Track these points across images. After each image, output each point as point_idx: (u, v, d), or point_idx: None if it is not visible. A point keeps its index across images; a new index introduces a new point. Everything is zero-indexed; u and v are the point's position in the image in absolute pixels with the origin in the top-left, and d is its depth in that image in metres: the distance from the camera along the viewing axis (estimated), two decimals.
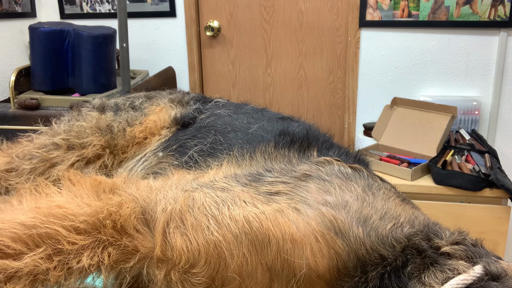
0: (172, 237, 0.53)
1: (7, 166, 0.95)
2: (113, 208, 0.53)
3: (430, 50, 2.55)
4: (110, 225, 0.52)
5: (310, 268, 0.52)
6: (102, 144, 0.91)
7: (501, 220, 1.82)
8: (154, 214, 0.55)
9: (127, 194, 0.57)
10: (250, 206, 0.55)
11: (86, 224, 0.52)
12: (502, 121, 2.52)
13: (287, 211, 0.54)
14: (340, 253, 0.52)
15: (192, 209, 0.55)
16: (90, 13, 3.02)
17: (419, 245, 0.53)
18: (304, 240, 0.52)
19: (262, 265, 0.52)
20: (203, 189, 0.59)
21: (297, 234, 0.52)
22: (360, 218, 0.55)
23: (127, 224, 0.53)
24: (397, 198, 0.63)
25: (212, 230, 0.53)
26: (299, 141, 0.74)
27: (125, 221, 0.53)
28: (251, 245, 0.52)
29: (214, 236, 0.52)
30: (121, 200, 0.55)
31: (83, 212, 0.53)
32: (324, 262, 0.52)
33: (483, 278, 0.49)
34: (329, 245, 0.52)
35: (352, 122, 2.78)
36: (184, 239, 0.52)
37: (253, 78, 2.96)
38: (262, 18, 2.83)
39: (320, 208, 0.55)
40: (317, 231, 0.53)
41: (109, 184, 0.59)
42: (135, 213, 0.54)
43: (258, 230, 0.52)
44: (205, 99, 1.07)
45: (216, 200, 0.56)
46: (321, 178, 0.62)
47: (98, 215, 0.52)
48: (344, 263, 0.53)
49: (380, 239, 0.54)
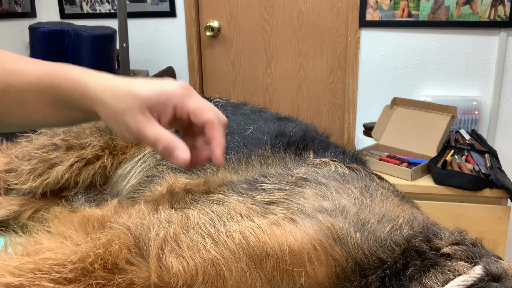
0: (168, 261, 0.52)
1: (6, 166, 0.95)
2: (100, 250, 0.52)
3: (430, 50, 2.55)
4: (99, 268, 0.51)
5: (309, 276, 0.51)
6: (101, 144, 0.91)
7: (501, 220, 1.82)
8: (148, 241, 0.54)
9: (119, 225, 0.56)
10: (246, 220, 0.54)
11: (75, 272, 0.50)
12: (502, 121, 2.51)
13: (284, 223, 0.54)
14: (339, 259, 0.52)
15: (187, 230, 0.54)
16: (90, 13, 3.02)
17: (419, 247, 0.53)
18: (302, 250, 0.52)
19: (261, 278, 0.51)
20: (198, 205, 0.58)
21: (295, 244, 0.52)
22: (358, 222, 0.55)
23: (118, 260, 0.52)
24: (396, 197, 0.62)
25: (209, 248, 0.52)
26: (295, 143, 0.74)
27: (115, 258, 0.52)
28: (249, 260, 0.51)
29: (211, 254, 0.52)
30: (111, 236, 0.54)
31: (70, 259, 0.51)
32: (323, 269, 0.52)
33: (483, 278, 0.49)
34: (327, 252, 0.52)
35: (352, 122, 2.78)
36: (180, 260, 0.52)
37: (253, 78, 2.95)
38: (262, 18, 2.83)
39: (317, 216, 0.55)
40: (315, 239, 0.52)
41: (98, 219, 0.57)
42: (127, 246, 0.53)
43: (255, 244, 0.52)
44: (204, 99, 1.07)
45: (211, 217, 0.55)
46: (318, 181, 0.61)
47: (85, 260, 0.51)
48: (342, 269, 0.52)
49: (379, 242, 0.54)
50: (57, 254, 0.52)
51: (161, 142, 0.57)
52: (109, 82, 0.59)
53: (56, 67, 0.63)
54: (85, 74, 0.61)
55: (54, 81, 0.61)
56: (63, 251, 0.52)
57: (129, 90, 0.58)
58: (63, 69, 0.62)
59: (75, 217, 0.58)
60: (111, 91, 0.58)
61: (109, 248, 0.52)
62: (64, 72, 0.62)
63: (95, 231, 0.55)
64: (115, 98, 0.58)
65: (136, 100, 0.57)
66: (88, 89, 0.59)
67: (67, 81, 0.61)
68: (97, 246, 0.52)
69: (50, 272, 0.50)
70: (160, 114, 0.59)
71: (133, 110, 0.57)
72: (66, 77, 0.61)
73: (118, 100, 0.58)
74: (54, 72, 0.62)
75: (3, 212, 0.90)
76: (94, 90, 0.59)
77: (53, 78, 0.61)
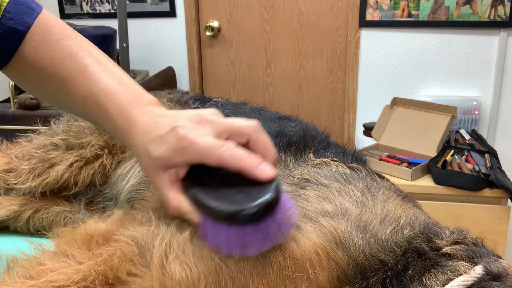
0: (171, 267, 0.51)
1: (6, 166, 0.95)
2: (101, 267, 0.51)
3: (430, 50, 2.55)
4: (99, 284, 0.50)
5: (311, 281, 0.51)
6: (100, 144, 0.91)
7: (501, 220, 1.82)
8: (152, 249, 0.53)
9: (125, 237, 0.55)
10: None
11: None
12: (502, 121, 2.51)
13: None
14: (340, 263, 0.52)
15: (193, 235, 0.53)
16: (90, 13, 3.02)
17: (420, 248, 0.53)
18: (304, 256, 0.52)
19: (264, 285, 0.51)
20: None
21: (298, 251, 0.52)
22: (360, 225, 0.55)
23: (120, 273, 0.51)
24: (398, 197, 0.62)
25: (213, 255, 0.51)
26: (295, 143, 0.74)
27: (116, 271, 0.51)
28: (252, 268, 0.51)
29: (215, 261, 0.51)
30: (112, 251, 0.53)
31: (73, 280, 0.51)
32: (324, 274, 0.52)
33: (483, 278, 0.49)
34: (329, 257, 0.52)
35: (352, 122, 2.78)
36: (184, 267, 0.51)
37: (253, 78, 2.95)
38: (262, 18, 2.83)
39: (320, 220, 0.54)
40: (318, 244, 0.52)
41: (102, 234, 0.56)
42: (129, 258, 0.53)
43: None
44: (204, 98, 1.06)
45: None
46: (319, 182, 0.61)
47: (87, 279, 0.51)
48: (344, 272, 0.52)
49: (380, 244, 0.53)
50: (60, 275, 0.51)
51: (173, 212, 0.56)
52: (138, 135, 0.57)
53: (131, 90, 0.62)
54: (139, 113, 0.59)
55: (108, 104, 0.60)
56: (66, 271, 0.51)
57: (146, 149, 0.56)
58: (129, 99, 0.60)
59: (78, 234, 0.57)
60: (136, 148, 0.57)
61: (110, 263, 0.52)
62: (122, 99, 0.60)
63: (98, 247, 0.54)
64: (139, 156, 0.57)
65: (150, 161, 0.56)
66: (128, 137, 0.58)
67: (118, 114, 0.59)
68: (98, 263, 0.52)
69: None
70: (175, 169, 0.57)
71: (150, 170, 0.57)
72: (120, 109, 0.59)
73: (140, 159, 0.57)
74: (125, 96, 0.61)
75: (3, 212, 0.90)
76: (131, 140, 0.58)
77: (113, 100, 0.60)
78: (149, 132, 0.56)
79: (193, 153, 0.53)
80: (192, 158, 0.54)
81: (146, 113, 0.58)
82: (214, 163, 0.53)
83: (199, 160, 0.54)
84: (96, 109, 0.61)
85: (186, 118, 0.56)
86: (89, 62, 0.63)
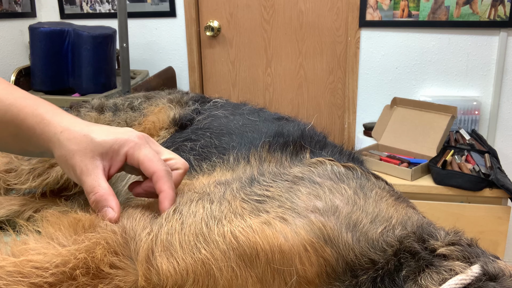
0: (158, 261, 0.51)
1: (6, 166, 0.96)
2: (82, 254, 0.50)
3: (430, 50, 2.55)
4: (81, 273, 0.49)
5: (300, 275, 0.51)
6: None
7: (501, 220, 1.82)
8: (139, 242, 0.53)
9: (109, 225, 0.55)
10: (238, 219, 0.54)
11: (56, 277, 0.49)
12: (502, 121, 2.51)
13: (275, 222, 0.53)
14: (329, 259, 0.52)
15: (182, 229, 0.53)
16: (90, 13, 3.02)
17: (412, 248, 0.53)
18: (292, 251, 0.51)
19: (252, 277, 0.51)
20: (193, 204, 0.58)
21: (285, 245, 0.51)
22: (350, 223, 0.55)
23: (102, 265, 0.51)
24: (391, 197, 0.62)
25: (200, 247, 0.51)
26: (292, 143, 0.74)
27: (99, 262, 0.51)
28: (239, 260, 0.51)
29: (202, 254, 0.51)
30: (96, 239, 0.52)
31: (53, 262, 0.50)
32: (313, 269, 0.52)
33: (481, 278, 0.49)
34: (318, 253, 0.52)
35: (352, 122, 2.78)
36: (171, 261, 0.51)
37: (253, 78, 2.95)
38: (262, 18, 2.83)
39: (309, 216, 0.54)
40: (306, 240, 0.52)
41: (89, 219, 0.56)
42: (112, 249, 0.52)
43: (246, 244, 0.51)
44: (204, 99, 1.07)
45: (205, 215, 0.55)
46: (312, 180, 0.61)
47: (66, 265, 0.49)
48: (333, 269, 0.52)
49: (370, 243, 0.53)
50: (39, 256, 0.50)
51: (95, 194, 0.58)
52: (69, 123, 0.61)
53: (27, 100, 0.63)
54: (51, 113, 0.62)
55: (20, 114, 0.62)
56: (46, 252, 0.51)
57: (86, 134, 0.59)
58: (32, 104, 0.63)
59: (65, 218, 0.57)
60: (68, 132, 0.59)
61: (92, 252, 0.51)
62: (32, 107, 0.62)
63: (84, 231, 0.54)
64: (70, 140, 0.59)
65: (90, 144, 0.59)
66: (49, 127, 0.60)
67: (32, 117, 0.61)
68: (79, 249, 0.51)
69: (31, 275, 0.49)
70: (111, 161, 0.60)
71: (84, 154, 0.58)
72: (33, 112, 0.62)
73: (72, 142, 0.59)
74: (23, 105, 0.62)
75: (3, 212, 0.90)
76: (54, 129, 0.60)
77: (20, 110, 0.62)
78: (92, 124, 0.62)
79: (139, 153, 0.60)
80: (134, 158, 0.60)
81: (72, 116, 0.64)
82: (146, 173, 0.60)
83: (135, 163, 0.60)
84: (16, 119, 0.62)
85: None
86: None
